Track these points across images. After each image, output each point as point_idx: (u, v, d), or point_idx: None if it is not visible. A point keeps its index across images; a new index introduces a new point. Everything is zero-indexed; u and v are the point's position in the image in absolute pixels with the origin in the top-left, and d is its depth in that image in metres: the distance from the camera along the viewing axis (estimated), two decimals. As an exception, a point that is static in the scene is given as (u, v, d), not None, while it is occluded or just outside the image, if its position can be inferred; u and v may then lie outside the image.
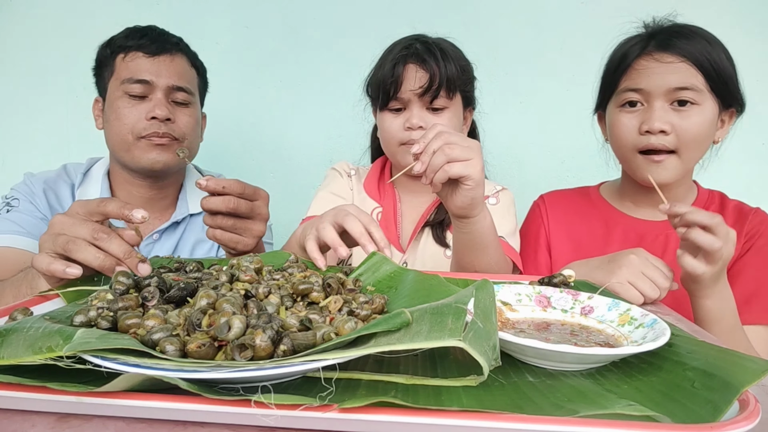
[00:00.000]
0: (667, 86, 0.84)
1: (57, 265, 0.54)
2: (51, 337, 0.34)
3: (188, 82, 1.03)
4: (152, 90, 0.98)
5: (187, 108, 1.03)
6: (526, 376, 0.39)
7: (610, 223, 0.99)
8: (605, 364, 0.41)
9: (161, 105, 0.97)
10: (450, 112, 0.98)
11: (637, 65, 0.88)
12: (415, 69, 0.95)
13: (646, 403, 0.34)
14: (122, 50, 0.99)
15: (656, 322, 0.45)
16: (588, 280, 0.69)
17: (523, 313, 0.54)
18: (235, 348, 0.33)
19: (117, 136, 0.98)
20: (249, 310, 0.39)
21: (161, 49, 0.99)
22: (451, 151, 0.68)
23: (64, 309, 0.47)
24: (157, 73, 0.98)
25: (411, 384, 0.36)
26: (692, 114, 0.84)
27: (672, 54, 0.85)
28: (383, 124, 1.00)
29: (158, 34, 1.02)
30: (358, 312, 0.44)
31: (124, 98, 0.98)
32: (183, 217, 1.09)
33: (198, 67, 1.08)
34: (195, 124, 1.05)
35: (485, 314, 0.37)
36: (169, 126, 0.98)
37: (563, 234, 1.02)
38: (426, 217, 1.04)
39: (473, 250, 0.79)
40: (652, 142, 0.85)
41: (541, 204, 1.08)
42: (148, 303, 0.42)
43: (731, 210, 0.93)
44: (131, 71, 0.97)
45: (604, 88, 0.96)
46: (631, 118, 0.88)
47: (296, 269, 0.57)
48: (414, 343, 0.32)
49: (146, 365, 0.31)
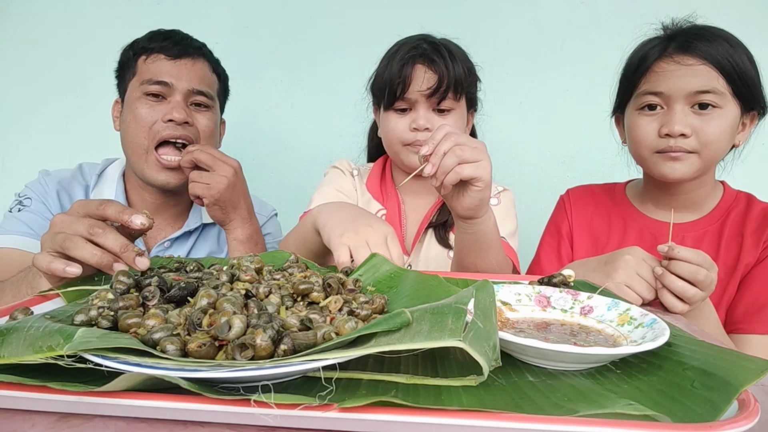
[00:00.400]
0: (688, 89, 0.83)
1: (57, 264, 0.54)
2: (51, 336, 0.34)
3: (209, 86, 1.02)
4: (171, 92, 0.97)
5: (207, 111, 1.02)
6: (526, 376, 0.39)
7: (629, 221, 0.99)
8: (605, 363, 0.41)
9: (179, 107, 0.96)
10: (456, 114, 0.98)
11: (656, 68, 0.87)
12: (424, 70, 0.94)
13: (646, 402, 0.34)
14: (144, 52, 0.99)
15: (655, 322, 0.45)
16: (587, 281, 0.69)
17: (522, 313, 0.54)
18: (236, 347, 0.33)
19: (133, 138, 0.97)
20: (249, 310, 0.39)
21: (183, 52, 0.99)
22: (462, 153, 0.68)
23: (64, 308, 0.47)
24: (177, 75, 0.97)
25: (411, 384, 0.36)
26: (713, 117, 0.83)
27: (693, 56, 0.83)
28: (388, 123, 0.99)
29: (181, 38, 1.01)
30: (358, 312, 0.44)
31: (142, 99, 0.97)
32: (196, 227, 1.08)
33: (219, 74, 1.08)
34: (214, 128, 1.04)
35: (485, 314, 0.37)
36: (186, 129, 0.97)
37: (584, 228, 1.02)
38: (429, 219, 1.04)
39: (477, 250, 0.79)
40: (671, 145, 0.84)
41: (566, 199, 1.08)
42: (149, 302, 0.42)
43: (757, 213, 0.90)
44: (152, 72, 0.97)
45: (623, 91, 0.94)
46: (651, 121, 0.87)
47: (296, 269, 0.57)
48: (414, 343, 0.32)
49: (147, 365, 0.31)
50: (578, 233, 1.02)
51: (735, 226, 0.91)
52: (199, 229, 1.09)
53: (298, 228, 0.86)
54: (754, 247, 0.88)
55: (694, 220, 0.94)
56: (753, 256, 0.87)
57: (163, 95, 0.97)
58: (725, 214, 0.93)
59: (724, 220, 0.92)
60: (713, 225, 0.93)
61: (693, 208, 0.94)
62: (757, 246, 0.87)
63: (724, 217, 0.93)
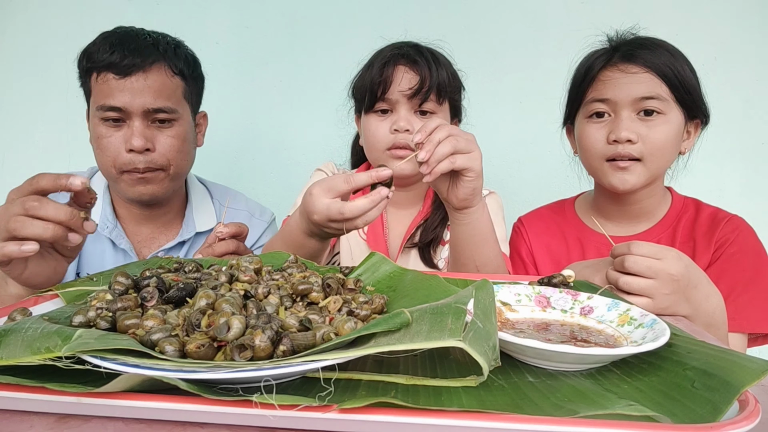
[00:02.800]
0: (633, 96, 0.86)
1: (10, 247, 0.52)
2: (50, 337, 0.34)
3: (168, 98, 0.93)
4: (128, 115, 0.90)
5: (170, 128, 0.94)
6: (526, 377, 0.39)
7: (584, 241, 1.00)
8: (605, 364, 0.41)
9: (138, 135, 0.89)
10: (438, 119, 0.97)
11: (602, 76, 0.90)
12: (405, 70, 0.93)
13: (646, 403, 0.34)
14: (95, 68, 0.91)
15: (656, 323, 0.45)
16: (588, 281, 0.69)
17: (522, 314, 0.54)
18: (235, 348, 0.33)
19: (101, 166, 0.95)
20: (248, 311, 0.39)
21: (132, 67, 0.89)
22: (457, 143, 0.68)
23: (62, 309, 0.47)
24: (130, 97, 0.89)
25: (411, 384, 0.36)
26: (658, 124, 0.86)
27: (636, 65, 0.86)
28: (368, 127, 0.98)
29: (130, 48, 0.90)
30: (357, 312, 0.44)
31: (101, 125, 0.92)
32: (190, 237, 1.05)
33: (183, 71, 0.96)
34: (181, 143, 0.96)
35: (485, 314, 0.37)
36: (149, 156, 0.92)
37: (544, 252, 1.03)
38: (411, 231, 1.03)
39: (474, 242, 0.79)
40: (619, 150, 0.87)
41: (520, 227, 1.09)
42: (147, 303, 0.42)
43: (706, 217, 0.93)
44: (104, 95, 0.90)
45: (571, 102, 0.97)
46: (599, 128, 0.90)
47: (296, 269, 0.56)
48: (414, 343, 0.32)
49: (145, 366, 0.31)
50: (539, 257, 1.03)
51: (686, 231, 0.93)
52: (191, 239, 1.06)
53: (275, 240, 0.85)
54: (705, 250, 0.90)
55: (647, 229, 0.96)
56: (706, 258, 0.89)
57: (122, 118, 0.91)
58: (676, 221, 0.95)
59: (675, 227, 0.94)
60: (665, 232, 0.95)
61: (645, 218, 0.96)
62: (709, 248, 0.89)
63: (675, 223, 0.95)
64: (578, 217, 1.04)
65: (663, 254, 0.62)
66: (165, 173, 0.95)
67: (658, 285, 0.61)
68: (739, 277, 0.86)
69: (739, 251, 0.88)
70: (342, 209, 0.65)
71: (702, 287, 0.65)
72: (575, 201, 1.08)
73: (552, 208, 1.09)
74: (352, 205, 0.65)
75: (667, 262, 0.62)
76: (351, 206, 0.65)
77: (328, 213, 0.66)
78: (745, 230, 0.91)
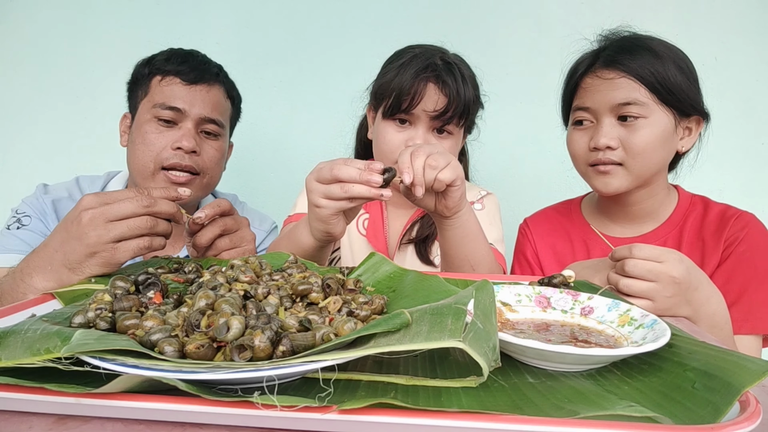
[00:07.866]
0: (611, 103, 0.86)
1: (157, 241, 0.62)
2: (49, 338, 0.34)
3: (221, 114, 1.01)
4: (183, 118, 0.96)
5: (215, 141, 1.01)
6: (526, 377, 0.39)
7: (589, 243, 1.00)
8: (605, 364, 0.41)
9: (189, 136, 0.95)
10: (454, 139, 0.98)
11: (584, 84, 0.91)
12: (434, 89, 0.92)
13: (647, 404, 0.33)
14: (160, 72, 0.97)
15: (656, 323, 0.45)
16: (588, 281, 0.69)
17: (522, 314, 0.54)
18: (234, 349, 0.33)
19: (140, 161, 0.96)
20: (248, 311, 0.39)
21: (199, 77, 0.97)
22: (436, 163, 0.70)
23: (62, 310, 0.47)
24: (191, 102, 0.96)
25: (411, 385, 0.36)
26: (639, 128, 0.85)
27: (613, 70, 0.87)
28: (385, 134, 0.97)
29: (199, 62, 1.00)
30: (357, 313, 0.44)
31: (152, 122, 0.96)
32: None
33: (233, 98, 1.07)
34: (220, 158, 1.03)
35: (485, 315, 0.37)
36: (193, 158, 0.97)
37: (549, 253, 1.03)
38: (407, 227, 1.03)
39: (467, 242, 0.80)
40: (599, 157, 0.88)
41: (525, 228, 1.09)
42: (147, 303, 0.42)
43: (714, 215, 0.92)
44: (165, 96, 0.96)
45: (563, 107, 0.99)
46: (582, 135, 0.91)
47: (295, 270, 0.56)
48: (414, 343, 0.32)
49: (145, 366, 0.31)
50: (544, 258, 1.03)
51: (694, 231, 0.92)
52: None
53: (280, 242, 0.85)
54: (714, 249, 0.88)
55: (653, 230, 0.95)
56: (716, 258, 0.88)
57: (175, 121, 0.96)
58: (683, 220, 0.94)
59: (683, 226, 0.93)
60: (672, 232, 0.93)
61: (649, 218, 0.96)
62: (718, 247, 0.88)
63: (681, 222, 0.94)
64: (584, 218, 1.04)
65: (664, 257, 0.62)
66: (200, 180, 0.99)
67: (659, 288, 0.61)
68: (751, 276, 0.84)
69: (749, 249, 0.86)
70: (333, 166, 0.67)
71: (703, 289, 0.65)
72: (582, 201, 1.08)
73: (558, 209, 1.09)
74: (346, 168, 0.66)
75: (668, 265, 0.62)
76: (345, 168, 0.66)
77: (320, 173, 0.70)
78: (756, 227, 0.88)
